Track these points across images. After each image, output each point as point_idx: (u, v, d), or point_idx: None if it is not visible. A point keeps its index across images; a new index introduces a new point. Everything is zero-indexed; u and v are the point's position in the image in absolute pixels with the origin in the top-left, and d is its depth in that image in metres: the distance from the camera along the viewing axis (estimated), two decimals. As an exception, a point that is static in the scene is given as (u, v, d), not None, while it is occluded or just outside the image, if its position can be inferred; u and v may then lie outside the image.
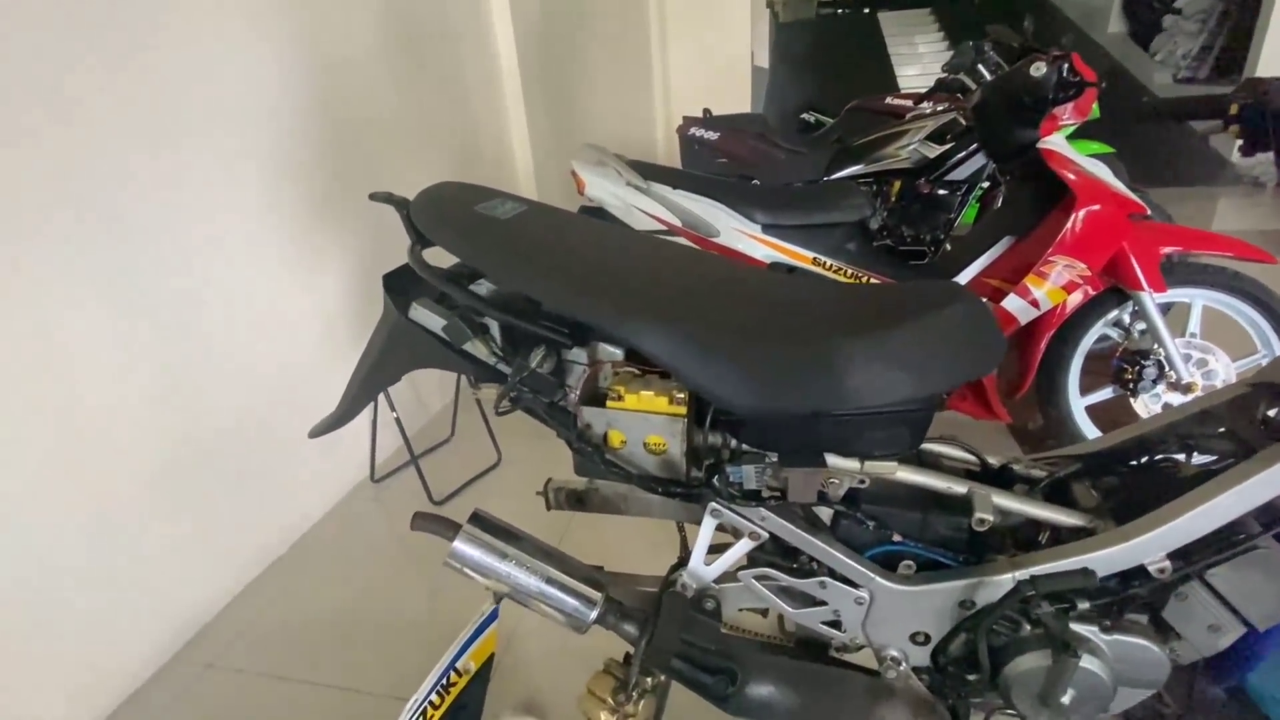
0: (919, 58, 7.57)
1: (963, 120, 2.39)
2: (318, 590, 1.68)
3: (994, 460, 0.90)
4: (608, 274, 0.76)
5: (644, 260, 0.80)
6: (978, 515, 0.77)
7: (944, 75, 2.47)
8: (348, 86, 1.98)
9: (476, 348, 0.82)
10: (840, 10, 8.64)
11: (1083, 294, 1.64)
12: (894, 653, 0.84)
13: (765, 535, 0.81)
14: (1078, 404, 1.80)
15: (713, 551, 0.85)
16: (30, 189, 1.22)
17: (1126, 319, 1.73)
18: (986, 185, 2.50)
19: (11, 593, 1.22)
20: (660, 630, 0.81)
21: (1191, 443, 0.83)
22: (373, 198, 0.87)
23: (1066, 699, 0.75)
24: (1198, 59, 5.78)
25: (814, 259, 1.80)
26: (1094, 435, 1.78)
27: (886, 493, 0.82)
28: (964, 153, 2.37)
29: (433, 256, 0.84)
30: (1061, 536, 0.81)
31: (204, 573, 1.60)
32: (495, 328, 0.83)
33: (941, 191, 2.44)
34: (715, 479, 0.78)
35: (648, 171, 1.88)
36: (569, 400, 0.81)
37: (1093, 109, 2.10)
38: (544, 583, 0.83)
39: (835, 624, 0.85)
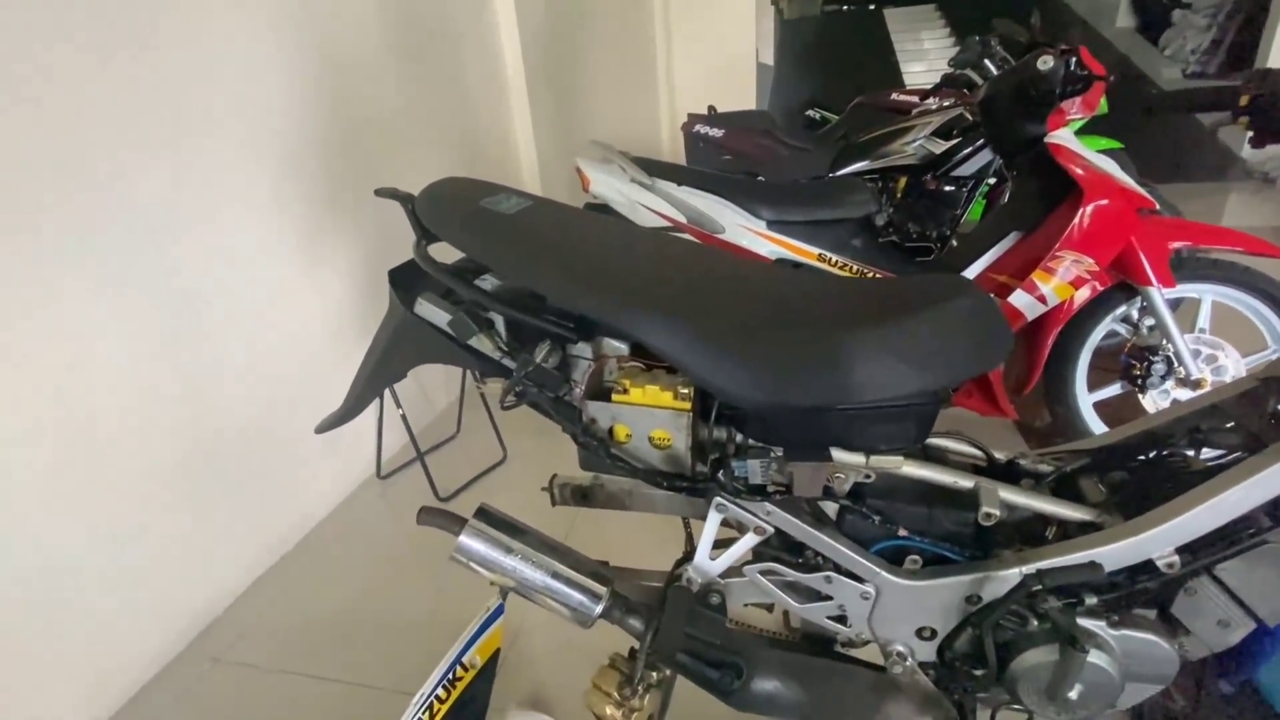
0: (925, 54, 7.54)
1: (969, 116, 2.38)
2: (324, 586, 1.69)
3: (1000, 455, 0.89)
4: (613, 268, 0.76)
5: (649, 255, 0.80)
6: (984, 510, 0.77)
7: (950, 71, 2.47)
8: (353, 85, 1.98)
9: (482, 343, 0.82)
10: (845, 6, 8.62)
11: (1090, 289, 1.63)
12: (900, 648, 0.84)
13: (770, 530, 0.81)
14: (1085, 400, 1.79)
15: (718, 546, 0.85)
16: (38, 189, 1.23)
17: (1135, 315, 1.72)
18: (993, 181, 2.48)
19: (23, 590, 1.23)
20: (665, 625, 0.81)
21: (1200, 437, 0.83)
22: (378, 193, 0.88)
23: (1073, 694, 0.74)
24: (1207, 53, 5.72)
25: (819, 255, 1.80)
26: (1101, 432, 1.77)
27: (892, 487, 0.81)
28: (970, 148, 2.36)
29: (438, 252, 0.84)
30: (1069, 531, 0.80)
31: (211, 569, 1.61)
32: (500, 323, 0.83)
33: (948, 187, 2.43)
34: (720, 474, 0.78)
35: (652, 168, 1.88)
36: (574, 395, 0.82)
37: (1100, 104, 2.09)
38: (549, 577, 0.83)
39: (841, 619, 0.85)
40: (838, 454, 0.76)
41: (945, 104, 2.56)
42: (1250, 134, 1.05)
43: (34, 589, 1.24)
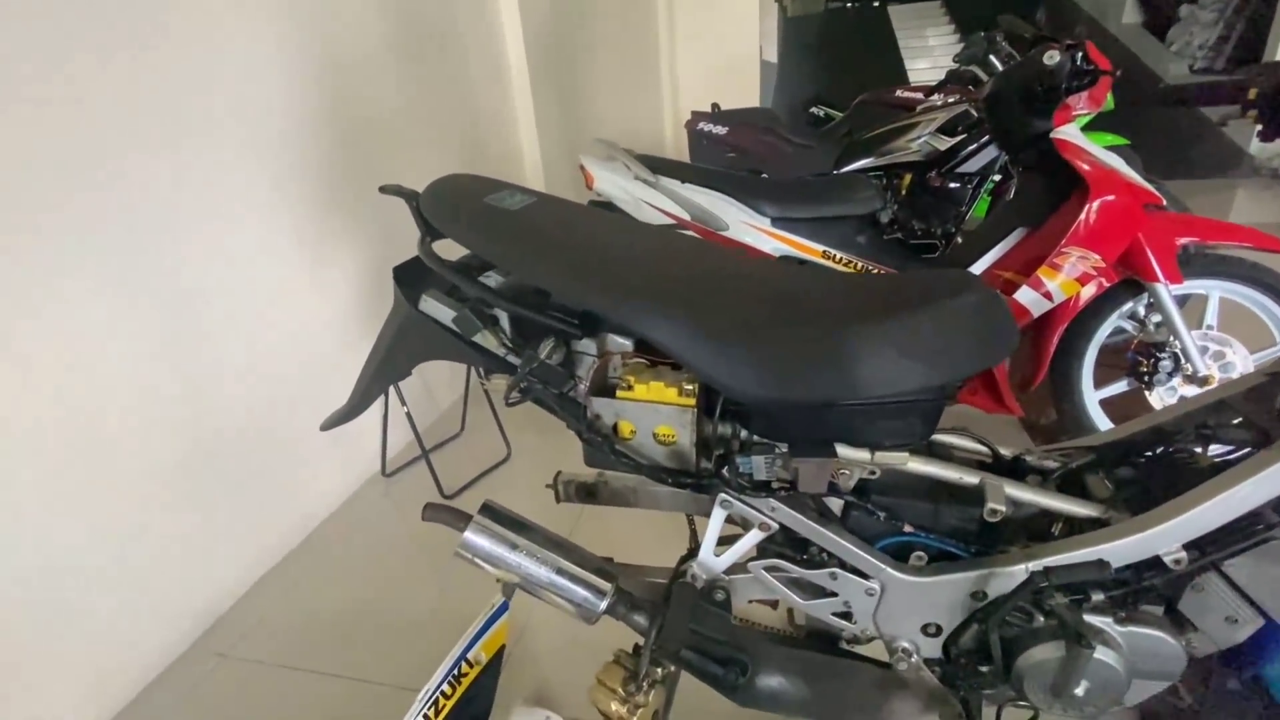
0: (929, 51, 7.51)
1: (974, 112, 2.37)
2: (330, 583, 1.69)
3: (1006, 451, 0.89)
4: (617, 265, 0.76)
5: (653, 251, 0.80)
6: (990, 506, 0.77)
7: (955, 67, 2.45)
8: (356, 84, 1.98)
9: (486, 339, 0.82)
10: (849, 3, 8.58)
11: (1097, 286, 1.62)
12: (905, 644, 0.84)
13: (775, 526, 0.80)
14: (1091, 397, 1.78)
15: (722, 543, 0.85)
16: (38, 189, 1.24)
17: (1142, 311, 1.71)
18: (998, 178, 2.47)
19: (28, 589, 1.24)
20: (670, 621, 0.82)
21: (1208, 433, 0.82)
22: (383, 190, 0.88)
23: (1080, 691, 0.74)
24: (1214, 49, 5.68)
25: (824, 252, 1.79)
26: (1107, 429, 1.76)
27: (898, 483, 0.81)
28: (975, 144, 2.34)
29: (443, 249, 0.84)
30: (1075, 528, 0.80)
31: (218, 566, 1.61)
32: (505, 319, 0.83)
33: (953, 184, 2.42)
34: (725, 470, 0.78)
35: (656, 166, 1.88)
36: (579, 391, 0.82)
37: (1107, 99, 2.07)
38: (554, 573, 0.83)
39: (846, 615, 0.84)
40: (842, 450, 0.76)
41: (950, 100, 2.54)
42: (1259, 128, 1.04)
43: (38, 588, 1.25)
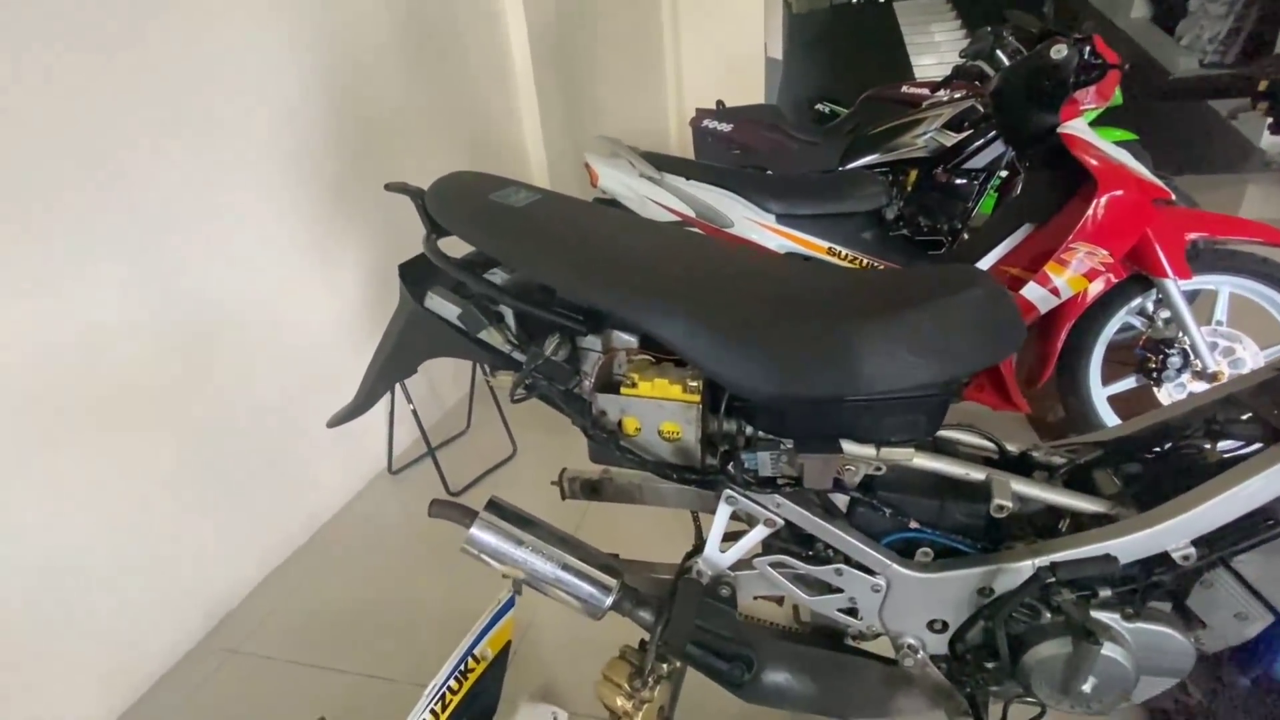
0: (935, 46, 7.46)
1: (980, 107, 2.35)
2: (337, 579, 1.70)
3: (1013, 447, 0.89)
4: (621, 261, 0.76)
5: (657, 247, 0.80)
6: (996, 502, 0.76)
7: (961, 62, 2.43)
8: (361, 81, 1.99)
9: (492, 335, 0.83)
10: (854, -1, 8.54)
11: (1105, 282, 1.61)
12: (911, 641, 0.83)
13: (781, 522, 0.80)
14: (1099, 394, 1.77)
15: (728, 539, 0.85)
16: (47, 187, 1.25)
17: (1150, 307, 1.69)
18: (1005, 174, 2.46)
19: (45, 583, 1.25)
20: (676, 617, 0.82)
21: (1217, 428, 0.82)
22: (388, 188, 0.88)
23: (1087, 687, 0.74)
24: (1225, 42, 5.62)
25: (829, 249, 1.79)
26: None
27: (903, 480, 0.81)
28: (982, 140, 2.33)
29: (448, 246, 0.84)
30: (1082, 523, 0.80)
31: (227, 562, 1.63)
32: (510, 316, 0.83)
33: (959, 180, 2.41)
34: (730, 466, 0.78)
35: (661, 163, 1.88)
36: (584, 387, 0.82)
37: (1115, 94, 2.06)
38: (560, 569, 0.83)
39: (851, 611, 0.84)
40: (848, 446, 0.76)
41: (956, 96, 2.53)
42: (1269, 120, 1.03)
43: (48, 586, 1.26)
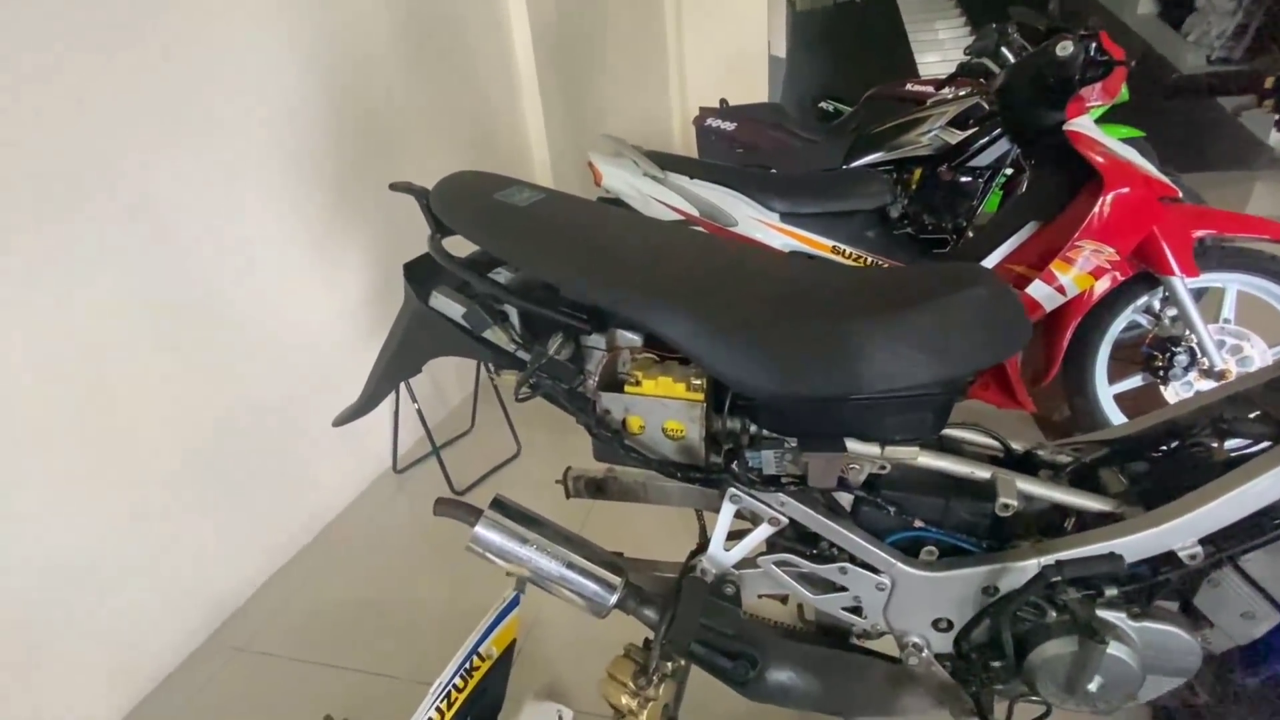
0: (940, 44, 7.42)
1: (985, 105, 2.34)
2: (343, 578, 1.71)
3: (1018, 446, 0.88)
4: (625, 259, 0.76)
5: (661, 246, 0.80)
6: (1001, 500, 0.76)
7: (966, 59, 2.43)
8: (365, 82, 2.00)
9: (496, 335, 0.83)
10: (858, -4, 8.50)
11: (1111, 279, 1.60)
12: (916, 639, 0.83)
13: (785, 521, 0.80)
14: (1106, 392, 1.76)
15: (732, 538, 0.85)
16: (58, 186, 1.26)
17: (1157, 305, 1.69)
18: (1009, 172, 2.44)
19: (50, 583, 1.26)
20: (680, 615, 0.82)
21: (1224, 426, 0.81)
22: (393, 188, 0.88)
23: (1093, 686, 0.73)
24: (1232, 39, 5.58)
25: (833, 247, 1.78)
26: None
27: (908, 478, 0.81)
28: (987, 138, 2.32)
29: (453, 245, 0.85)
30: (1088, 522, 0.79)
31: (233, 561, 1.64)
32: (515, 315, 0.83)
33: (964, 178, 2.40)
34: (734, 464, 0.78)
35: (665, 162, 1.87)
36: (588, 386, 0.82)
37: (1121, 90, 2.05)
38: (564, 567, 0.83)
39: (856, 610, 0.84)
40: (852, 445, 0.76)
41: (961, 93, 2.52)
42: (1277, 117, 1.02)
43: (56, 585, 1.27)
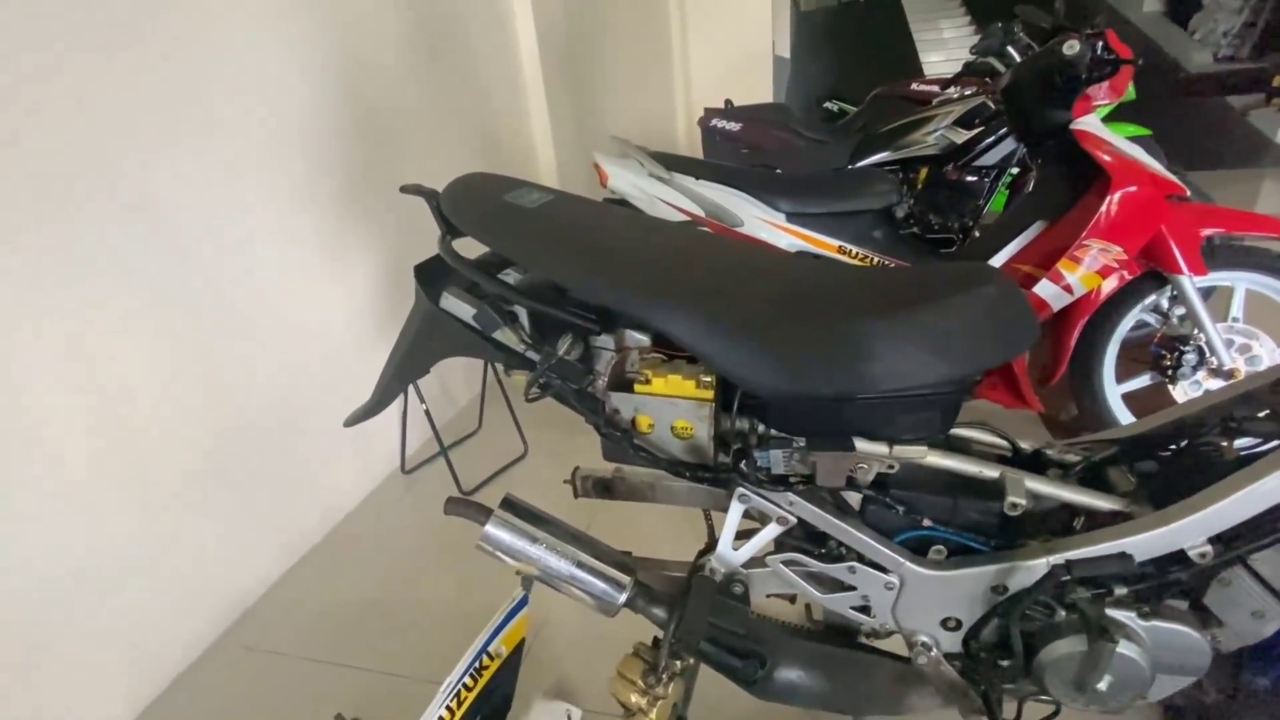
0: (944, 44, 7.40)
1: (991, 104, 2.34)
2: (352, 577, 1.72)
3: (1026, 445, 0.88)
4: (633, 259, 0.76)
5: (669, 246, 0.80)
6: (1010, 500, 0.76)
7: (972, 59, 2.42)
8: (373, 84, 2.01)
9: (506, 335, 0.83)
10: (862, -4, 8.47)
11: (1118, 278, 1.60)
12: (924, 638, 0.83)
13: (793, 520, 0.81)
14: (1113, 392, 1.76)
15: (740, 537, 0.86)
16: (59, 188, 1.27)
17: (1165, 304, 1.68)
18: (1016, 171, 2.44)
19: (70, 582, 1.28)
20: (689, 614, 0.82)
21: (1233, 425, 0.81)
22: (403, 190, 0.89)
23: (1103, 685, 0.73)
24: (1239, 36, 5.55)
25: (840, 247, 1.78)
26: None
27: (916, 477, 0.81)
28: (993, 137, 2.31)
29: (463, 247, 0.85)
30: (1097, 521, 0.79)
31: (244, 561, 1.65)
32: (524, 315, 0.84)
33: (970, 178, 2.40)
34: (743, 463, 0.79)
35: (670, 163, 1.88)
36: (597, 386, 0.82)
37: (1128, 89, 2.04)
38: (574, 566, 0.84)
39: (864, 609, 0.84)
40: (861, 444, 0.76)
41: (967, 93, 2.51)
42: (1285, 115, 1.02)
43: (70, 584, 1.29)
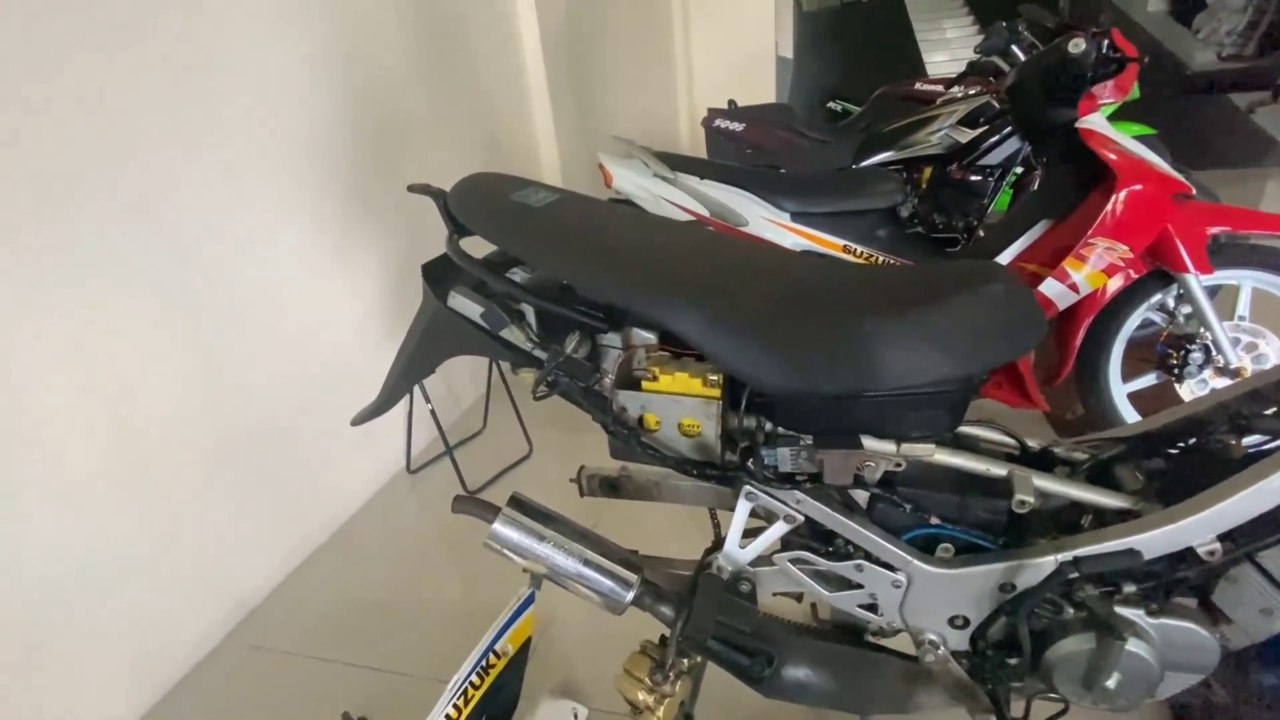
0: (948, 43, 7.39)
1: (995, 103, 2.33)
2: (358, 576, 1.72)
3: (1034, 443, 0.88)
4: (640, 257, 0.77)
5: (676, 244, 0.81)
6: (1018, 497, 0.76)
7: (976, 58, 2.42)
8: (378, 86, 2.01)
9: (514, 334, 0.84)
10: (865, -3, 8.47)
11: (1124, 277, 1.60)
12: (932, 637, 0.83)
13: (800, 518, 0.81)
14: (1119, 391, 1.75)
15: (747, 535, 0.86)
16: (67, 188, 1.27)
17: (1171, 303, 1.68)
18: (1020, 170, 2.43)
19: (70, 582, 1.28)
20: (697, 611, 0.82)
21: (1241, 423, 0.81)
22: (411, 189, 0.90)
23: (1111, 683, 0.73)
24: (1243, 35, 5.53)
25: (844, 246, 1.78)
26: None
27: (924, 475, 0.81)
28: (997, 136, 2.31)
29: (470, 246, 0.86)
30: (1105, 519, 0.79)
31: (250, 560, 1.65)
32: (531, 314, 0.84)
33: (974, 177, 2.39)
34: (750, 462, 0.79)
35: (675, 162, 1.88)
36: (604, 384, 0.83)
37: (1133, 88, 2.04)
38: (581, 564, 0.84)
39: (872, 607, 0.84)
40: (868, 442, 0.76)
41: (971, 92, 2.51)
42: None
43: (77, 585, 1.29)
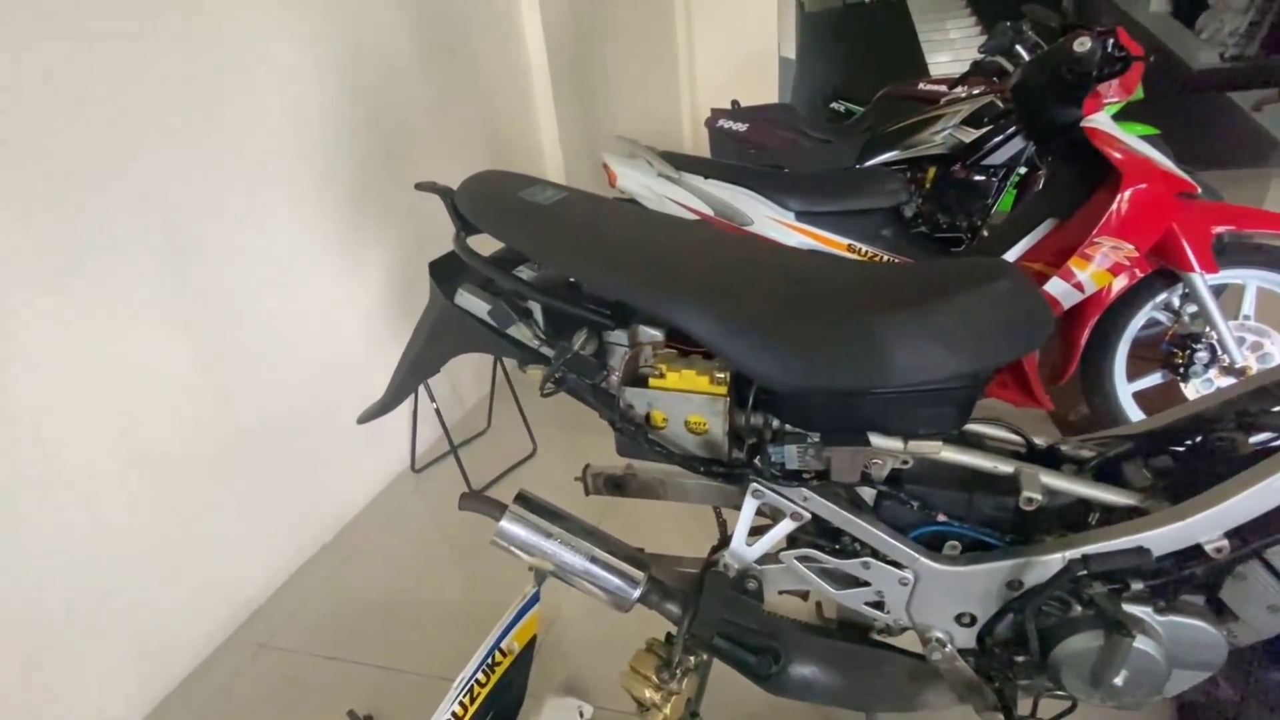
0: (951, 44, 7.38)
1: (999, 103, 2.33)
2: (364, 575, 1.73)
3: (1041, 441, 0.88)
4: (647, 255, 0.77)
5: (683, 242, 0.81)
6: (1025, 494, 0.76)
7: (980, 58, 2.42)
8: (384, 86, 2.02)
9: (521, 331, 0.84)
10: (868, -3, 8.48)
11: (1129, 276, 1.60)
12: (939, 634, 0.83)
13: (807, 516, 0.81)
14: (1124, 390, 1.75)
15: (754, 533, 0.86)
16: (76, 187, 1.28)
17: (1176, 302, 1.68)
18: (1024, 170, 2.43)
19: (82, 581, 1.29)
20: (703, 609, 0.82)
21: (1248, 420, 0.81)
22: (418, 187, 0.90)
23: (1119, 680, 0.73)
24: (1246, 35, 5.52)
25: (849, 246, 1.78)
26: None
27: (931, 473, 0.81)
28: (1001, 136, 2.31)
29: (477, 244, 0.86)
30: (1113, 517, 0.79)
31: (256, 559, 1.66)
32: (539, 311, 0.84)
33: (978, 177, 2.39)
34: (757, 459, 0.79)
35: (679, 162, 1.88)
36: (611, 381, 0.83)
37: (1138, 88, 2.03)
38: (588, 561, 0.84)
39: (878, 605, 0.84)
40: (875, 439, 0.76)
41: (975, 92, 2.51)
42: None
43: (83, 583, 1.30)
